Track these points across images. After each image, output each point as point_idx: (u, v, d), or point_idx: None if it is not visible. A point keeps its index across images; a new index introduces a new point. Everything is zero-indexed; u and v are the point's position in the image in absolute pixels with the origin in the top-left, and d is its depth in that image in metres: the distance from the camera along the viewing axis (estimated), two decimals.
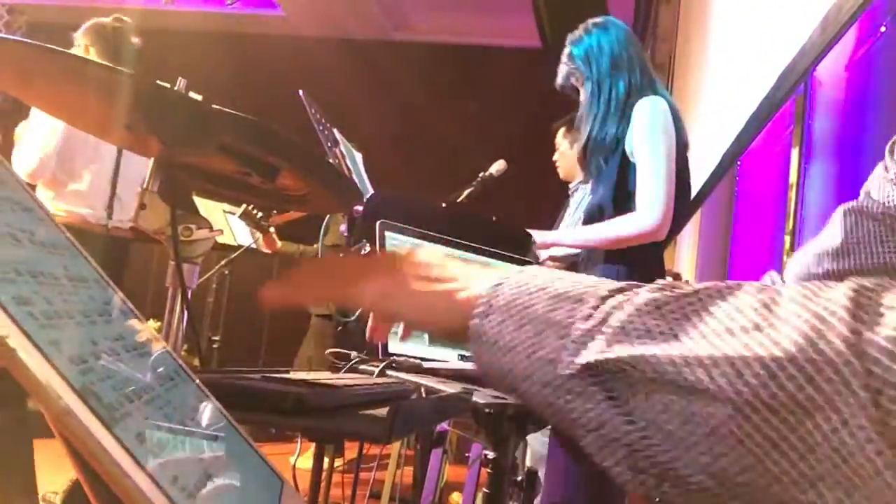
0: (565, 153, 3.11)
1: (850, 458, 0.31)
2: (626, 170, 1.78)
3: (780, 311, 0.34)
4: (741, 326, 0.35)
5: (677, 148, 1.76)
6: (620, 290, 0.40)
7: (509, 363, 0.42)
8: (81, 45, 2.50)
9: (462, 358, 1.19)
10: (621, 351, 0.37)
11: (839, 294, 0.34)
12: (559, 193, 3.12)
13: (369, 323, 0.61)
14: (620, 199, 1.79)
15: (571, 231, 1.90)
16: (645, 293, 0.39)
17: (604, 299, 0.40)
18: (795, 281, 0.75)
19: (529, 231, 1.75)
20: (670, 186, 1.70)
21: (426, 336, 1.13)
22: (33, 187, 2.45)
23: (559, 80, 1.98)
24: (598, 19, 2.02)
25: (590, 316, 0.40)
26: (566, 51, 1.94)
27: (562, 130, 3.14)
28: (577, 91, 1.96)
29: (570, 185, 3.07)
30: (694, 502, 0.37)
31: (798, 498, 0.32)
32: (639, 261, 1.77)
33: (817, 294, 0.34)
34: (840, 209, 0.70)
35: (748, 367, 0.33)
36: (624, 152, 1.79)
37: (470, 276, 0.48)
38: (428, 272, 0.50)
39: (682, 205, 1.81)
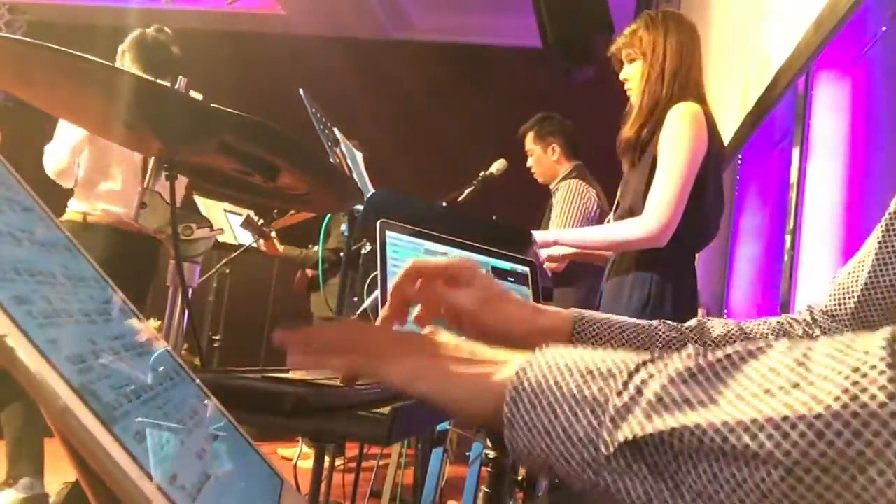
0: (539, 159, 3.08)
1: None
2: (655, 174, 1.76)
3: (816, 368, 0.34)
4: (779, 387, 0.35)
5: (710, 156, 1.72)
6: (651, 361, 0.40)
7: (547, 448, 0.41)
8: (120, 51, 2.55)
9: None
10: (661, 424, 0.37)
11: (874, 345, 0.34)
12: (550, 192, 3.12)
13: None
14: None
15: (573, 231, 1.88)
16: (677, 362, 0.39)
17: (634, 372, 0.40)
18: (832, 300, 0.75)
19: (530, 230, 1.75)
20: (681, 194, 1.67)
21: None
22: (71, 190, 2.47)
23: (612, 48, 1.94)
24: (676, 13, 1.97)
25: (623, 390, 0.39)
26: (635, 27, 1.87)
27: (531, 135, 3.10)
28: (622, 64, 1.92)
29: (551, 186, 3.06)
30: None
31: None
32: (671, 269, 1.75)
33: (851, 346, 0.34)
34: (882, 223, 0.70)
35: (794, 427, 0.33)
36: (655, 157, 1.77)
37: (499, 358, 0.48)
38: (459, 354, 0.50)
39: (715, 211, 1.78)
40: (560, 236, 1.87)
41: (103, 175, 2.47)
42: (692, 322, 0.76)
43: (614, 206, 1.96)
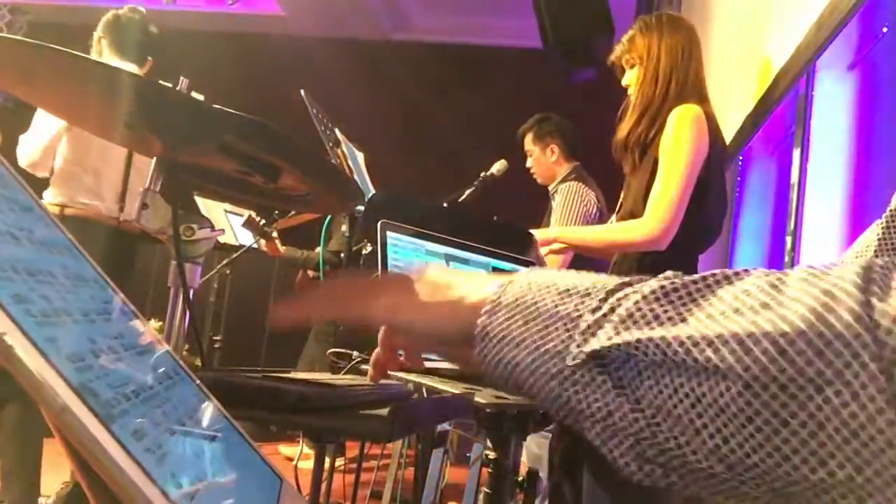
0: (539, 160, 3.08)
1: (860, 432, 0.31)
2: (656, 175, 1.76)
3: (789, 290, 0.34)
4: (749, 306, 0.35)
5: (711, 157, 1.72)
6: (628, 284, 0.41)
7: (516, 358, 0.42)
8: (96, 37, 2.51)
9: None
10: (629, 336, 0.37)
11: (848, 272, 0.33)
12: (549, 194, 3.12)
13: (374, 356, 0.60)
14: None
15: (574, 229, 1.87)
16: (652, 283, 0.39)
17: (611, 292, 0.40)
18: None
19: (531, 230, 1.74)
20: (682, 196, 1.67)
21: None
22: (46, 180, 2.45)
23: (612, 56, 1.95)
24: (671, 14, 1.97)
25: (598, 308, 0.40)
26: (631, 34, 1.88)
27: (530, 136, 3.10)
28: (623, 71, 1.92)
29: (550, 187, 3.06)
30: (701, 491, 0.37)
31: (808, 477, 0.32)
32: (673, 271, 1.74)
33: (826, 273, 0.34)
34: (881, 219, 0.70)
35: (757, 343, 0.33)
36: (656, 158, 1.77)
37: (477, 282, 0.48)
38: (436, 284, 0.50)
39: (717, 213, 1.78)
40: (561, 235, 1.86)
41: (82, 167, 2.43)
42: None
43: (617, 208, 1.96)
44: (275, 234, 3.56)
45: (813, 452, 0.32)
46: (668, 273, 0.40)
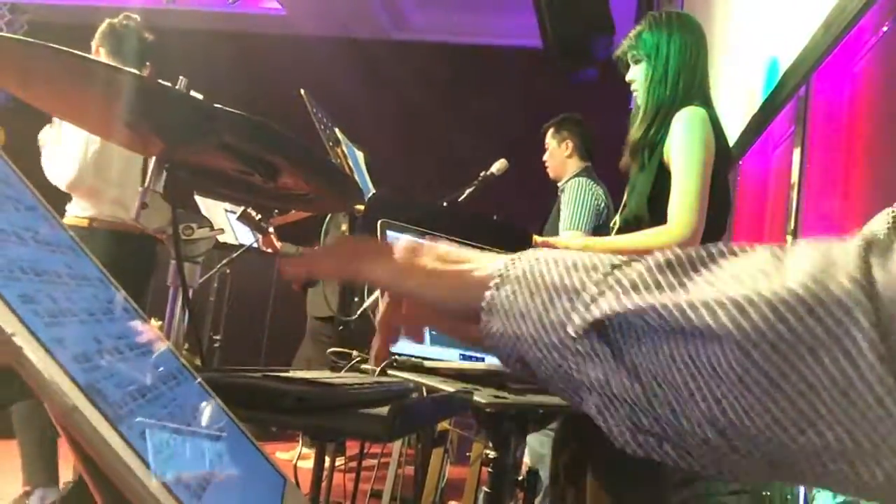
0: (553, 153, 3.12)
1: (850, 391, 0.31)
2: (662, 178, 1.76)
3: (790, 259, 0.35)
4: (750, 275, 0.35)
5: (717, 160, 1.72)
6: (634, 260, 0.41)
7: (519, 330, 0.42)
8: (94, 47, 2.51)
9: (463, 357, 1.19)
10: (629, 304, 0.38)
11: (851, 243, 0.34)
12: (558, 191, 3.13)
13: (375, 343, 0.60)
14: (657, 208, 1.77)
15: (600, 239, 1.86)
16: (657, 255, 0.40)
17: (616, 266, 0.41)
18: None
19: (531, 231, 1.75)
20: (703, 201, 1.67)
21: (428, 337, 1.13)
22: (66, 196, 2.46)
23: (618, 51, 1.93)
24: (681, 13, 1.96)
25: (602, 281, 0.40)
26: (639, 29, 1.86)
27: (551, 131, 3.15)
28: (627, 66, 1.91)
29: (559, 184, 3.08)
30: (695, 463, 0.37)
31: (797, 439, 0.32)
32: None
33: (829, 244, 0.35)
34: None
35: (752, 305, 0.33)
36: (661, 160, 1.77)
37: (485, 258, 0.48)
38: (445, 255, 0.50)
39: (723, 215, 1.79)
40: (588, 244, 1.86)
41: (107, 180, 2.45)
42: None
43: (620, 208, 1.96)
44: (271, 230, 3.56)
45: (802, 413, 0.32)
46: (675, 247, 0.40)
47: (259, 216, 3.35)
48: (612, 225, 2.09)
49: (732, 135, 2.69)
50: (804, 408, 0.32)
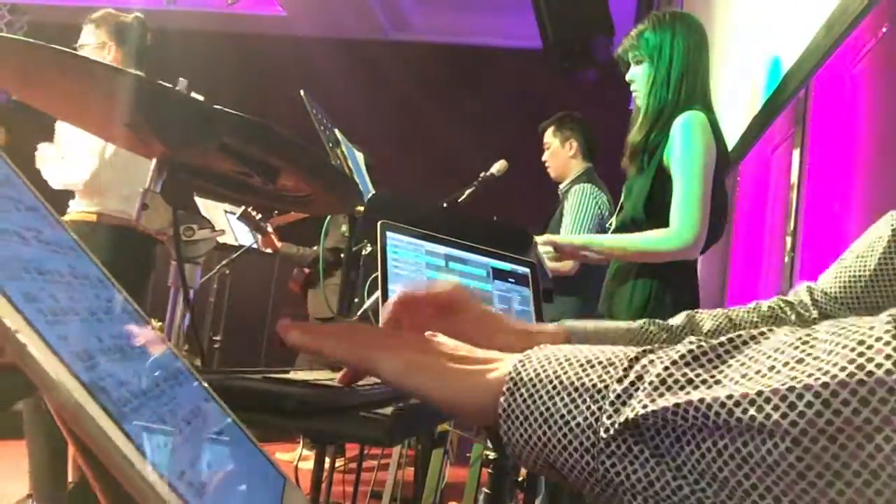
0: (556, 152, 3.10)
1: None
2: (660, 181, 1.76)
3: (821, 345, 0.34)
4: (784, 363, 0.34)
5: (717, 164, 1.73)
6: (650, 351, 0.40)
7: (544, 436, 0.41)
8: (99, 40, 2.46)
9: None
10: (664, 402, 0.36)
11: (878, 322, 0.34)
12: (559, 193, 3.13)
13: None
14: (654, 211, 1.77)
15: (602, 239, 1.86)
16: (679, 348, 0.39)
17: (635, 360, 0.40)
18: (837, 283, 0.74)
19: (531, 232, 1.74)
20: (706, 204, 1.68)
21: None
22: (65, 193, 2.45)
23: (619, 50, 1.92)
24: (685, 13, 1.95)
25: (624, 377, 0.39)
26: (641, 28, 1.86)
27: (551, 129, 3.12)
28: (627, 66, 1.91)
29: (561, 186, 3.06)
30: None
31: None
32: (672, 276, 1.75)
33: (855, 324, 0.34)
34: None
35: (800, 398, 0.33)
36: (660, 164, 1.78)
37: (496, 358, 0.47)
38: (451, 353, 0.49)
39: (719, 216, 1.79)
40: (589, 244, 1.85)
41: (117, 178, 2.45)
42: (680, 319, 0.76)
43: (617, 210, 1.96)
44: (270, 229, 3.56)
45: (870, 502, 0.31)
46: (692, 339, 0.39)
47: (259, 216, 3.36)
48: (608, 226, 2.10)
49: (733, 136, 2.69)
50: (871, 495, 0.31)
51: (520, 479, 1.28)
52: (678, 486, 0.36)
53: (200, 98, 0.99)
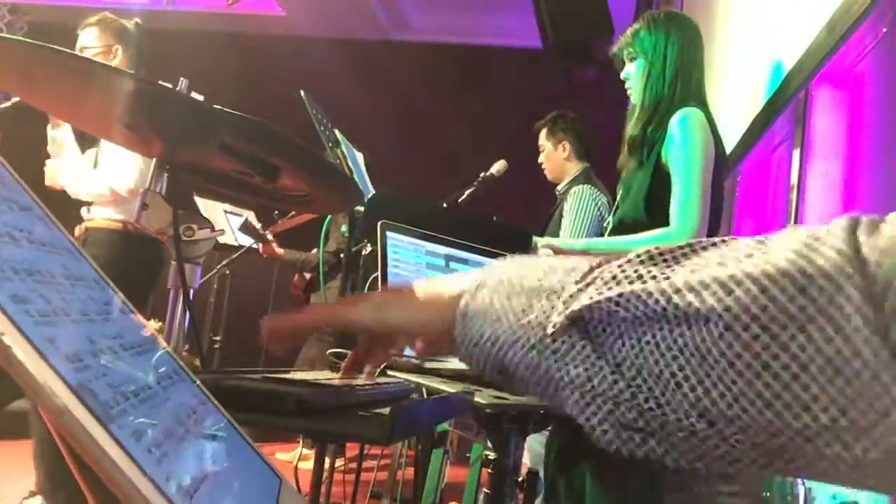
0: (550, 155, 3.09)
1: (845, 369, 0.30)
2: (659, 179, 1.76)
3: (773, 242, 0.34)
4: (734, 258, 0.34)
5: (714, 161, 1.74)
6: (613, 259, 0.40)
7: (497, 332, 0.41)
8: (104, 43, 2.44)
9: None
10: (609, 293, 0.37)
11: (835, 221, 0.33)
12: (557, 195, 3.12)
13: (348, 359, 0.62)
14: (654, 209, 1.77)
15: (600, 241, 1.86)
16: (639, 250, 0.39)
17: (596, 266, 0.40)
18: None
19: (530, 231, 1.74)
20: (705, 204, 1.68)
21: None
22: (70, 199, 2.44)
23: (614, 48, 1.93)
24: (678, 12, 1.96)
25: (581, 280, 0.39)
26: (636, 27, 1.87)
27: (544, 132, 3.11)
28: (622, 64, 1.92)
29: (559, 188, 3.06)
30: (682, 458, 0.36)
31: (792, 425, 0.31)
32: None
33: (813, 227, 0.34)
34: None
35: (739, 284, 0.32)
36: (659, 160, 1.78)
37: (462, 276, 0.48)
38: (419, 286, 0.50)
39: (716, 214, 1.79)
40: (590, 247, 1.86)
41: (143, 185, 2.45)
42: None
43: (613, 209, 1.96)
44: (270, 237, 3.56)
45: (796, 396, 0.31)
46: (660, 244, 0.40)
47: (259, 224, 3.36)
48: (605, 225, 2.10)
49: (733, 136, 2.68)
50: (797, 389, 0.31)
51: (520, 479, 1.28)
52: (615, 380, 0.36)
53: (201, 98, 0.99)
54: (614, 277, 0.37)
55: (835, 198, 2.07)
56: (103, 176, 2.38)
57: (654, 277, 0.36)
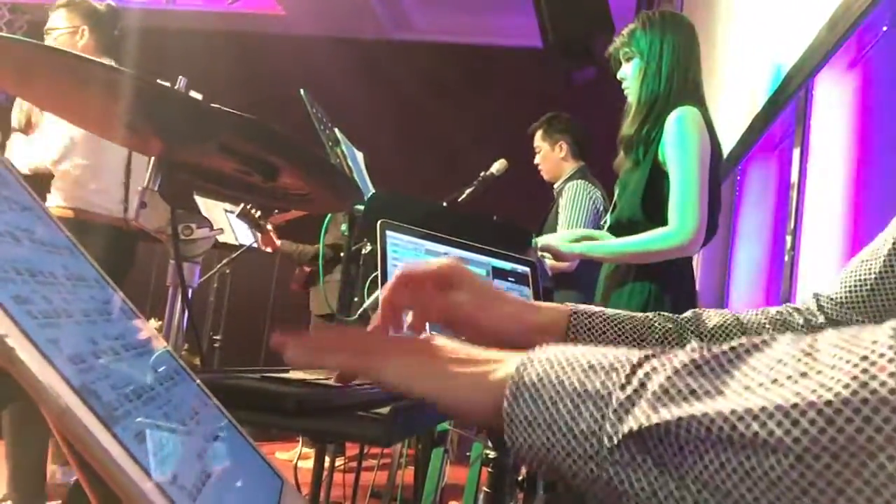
0: (546, 155, 3.11)
1: None
2: (656, 178, 1.76)
3: (824, 358, 0.34)
4: (787, 376, 0.35)
5: (711, 159, 1.74)
6: (652, 356, 0.40)
7: (548, 442, 0.41)
8: (71, 23, 2.43)
9: None
10: (667, 414, 0.37)
11: (881, 335, 0.33)
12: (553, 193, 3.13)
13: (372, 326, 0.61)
14: (651, 208, 1.77)
15: (599, 244, 1.87)
16: (681, 356, 0.39)
17: (637, 366, 0.40)
18: (843, 288, 0.74)
19: (531, 231, 1.74)
20: (703, 201, 1.69)
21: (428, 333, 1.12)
22: (45, 183, 2.44)
23: (611, 48, 1.94)
24: (674, 12, 1.97)
25: (626, 384, 0.39)
26: (633, 27, 1.88)
27: (540, 133, 3.13)
28: (619, 64, 1.92)
29: (555, 186, 3.07)
30: None
31: None
32: (669, 278, 1.76)
33: (857, 336, 0.34)
34: None
35: (803, 414, 0.33)
36: (655, 159, 1.78)
37: (497, 359, 0.47)
38: (453, 357, 0.49)
39: (714, 215, 1.79)
40: (589, 251, 1.85)
41: (91, 171, 2.43)
42: (688, 313, 0.76)
43: (611, 208, 1.96)
44: (269, 227, 3.57)
45: None
46: (694, 345, 0.40)
47: (258, 213, 3.36)
48: (602, 224, 2.10)
49: (733, 136, 2.68)
50: None
51: (520, 478, 1.28)
52: (682, 495, 0.36)
53: (200, 97, 0.99)
54: (666, 392, 0.37)
55: (835, 197, 2.07)
56: (30, 150, 2.38)
57: (707, 394, 0.36)
